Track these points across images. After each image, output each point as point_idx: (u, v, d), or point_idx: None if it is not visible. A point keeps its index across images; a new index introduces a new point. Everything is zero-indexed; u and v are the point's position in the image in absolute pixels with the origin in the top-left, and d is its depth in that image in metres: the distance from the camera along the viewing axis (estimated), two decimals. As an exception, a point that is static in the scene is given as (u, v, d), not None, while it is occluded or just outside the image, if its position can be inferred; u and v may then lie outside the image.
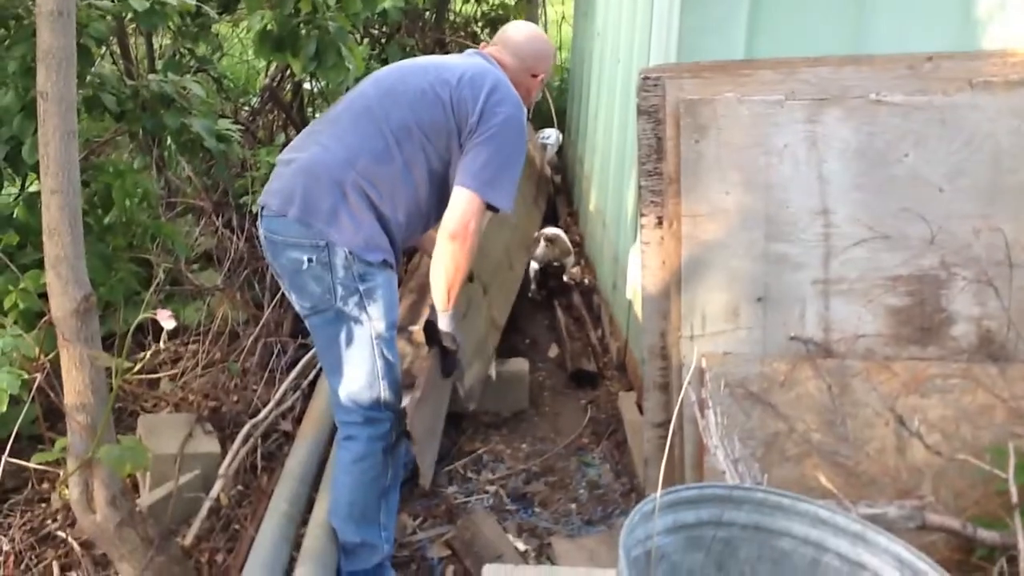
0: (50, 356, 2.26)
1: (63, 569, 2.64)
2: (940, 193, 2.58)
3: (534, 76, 2.73)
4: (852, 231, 2.58)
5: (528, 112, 2.74)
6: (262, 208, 2.49)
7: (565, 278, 4.90)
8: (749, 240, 2.58)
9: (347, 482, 2.55)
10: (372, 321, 2.43)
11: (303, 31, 3.51)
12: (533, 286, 4.84)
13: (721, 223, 2.59)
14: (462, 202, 2.43)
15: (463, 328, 2.96)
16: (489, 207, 2.47)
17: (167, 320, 1.94)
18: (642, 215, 2.70)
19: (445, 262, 2.48)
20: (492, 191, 2.45)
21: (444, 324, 2.61)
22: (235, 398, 3.39)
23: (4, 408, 2.14)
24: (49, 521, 2.82)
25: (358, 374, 2.45)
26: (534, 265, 4.78)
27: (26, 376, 2.19)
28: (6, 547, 2.68)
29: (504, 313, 3.99)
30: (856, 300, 2.58)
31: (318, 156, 2.45)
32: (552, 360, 4.34)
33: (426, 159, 2.47)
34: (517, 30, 2.81)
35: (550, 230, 4.80)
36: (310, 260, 2.38)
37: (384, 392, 2.48)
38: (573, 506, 3.22)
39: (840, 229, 2.58)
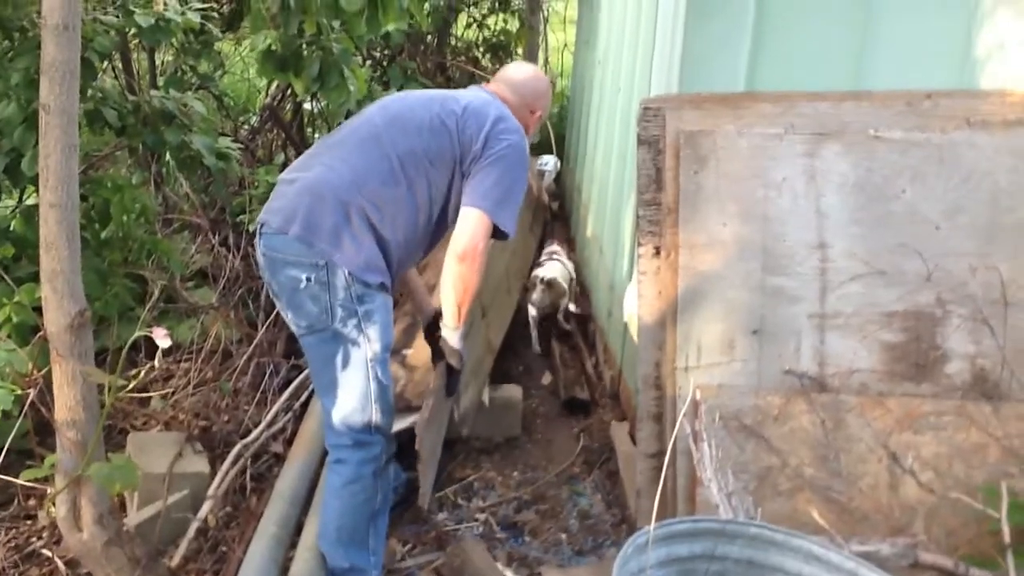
0: (43, 371, 2.24)
1: (47, 587, 2.61)
2: (937, 230, 2.59)
3: (532, 112, 2.80)
4: (849, 265, 2.59)
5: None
6: (261, 225, 2.49)
7: (560, 318, 4.71)
8: (746, 272, 2.59)
9: (336, 506, 2.53)
10: (368, 343, 2.43)
11: (306, 52, 3.52)
12: (534, 334, 4.59)
13: (718, 254, 2.60)
14: (472, 222, 2.46)
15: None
16: (495, 233, 2.49)
17: (163, 339, 1.93)
18: (640, 244, 2.70)
19: (454, 282, 2.49)
20: (500, 212, 2.48)
21: (454, 341, 2.63)
22: (226, 418, 3.37)
23: (-4, 425, 2.13)
24: (34, 539, 2.79)
25: (351, 396, 2.44)
26: (532, 312, 4.54)
27: (19, 392, 2.17)
28: (-12, 563, 2.66)
29: (499, 336, 3.99)
30: (851, 335, 2.58)
31: (323, 176, 2.46)
32: (545, 387, 4.33)
33: (428, 185, 2.49)
34: (518, 69, 2.90)
35: (548, 271, 4.54)
36: (308, 279, 2.38)
37: (376, 415, 2.47)
38: (563, 536, 3.19)
39: (837, 263, 2.59)
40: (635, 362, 2.87)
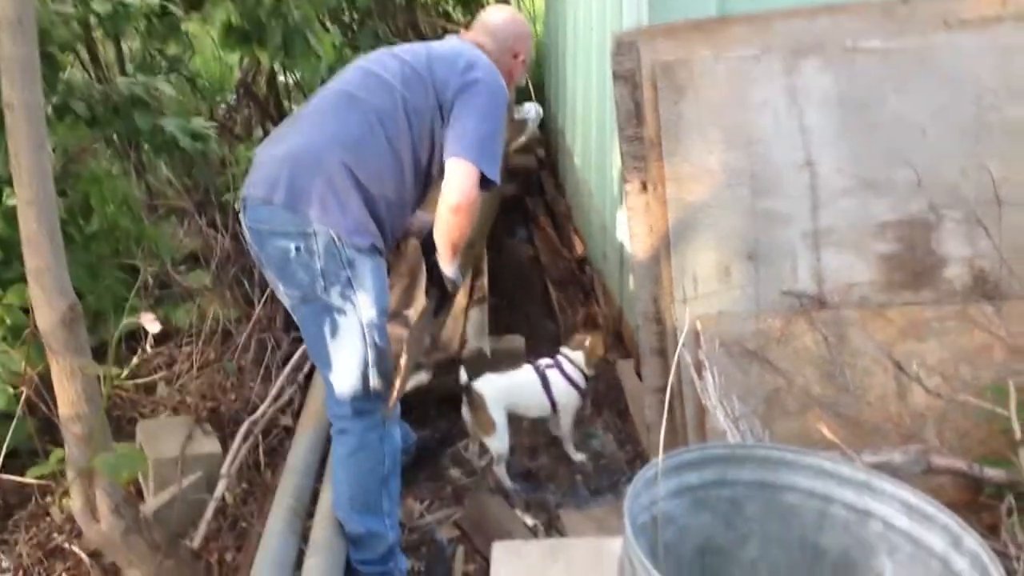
0: (38, 369, 2.23)
1: (73, 581, 2.63)
2: (924, 136, 2.56)
3: (515, 56, 2.73)
4: (838, 181, 2.56)
5: (511, 91, 2.75)
6: (245, 200, 2.45)
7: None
8: (735, 198, 2.56)
9: (344, 476, 2.53)
10: (362, 308, 2.39)
11: (268, 22, 3.46)
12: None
13: (706, 183, 2.57)
14: (461, 173, 2.41)
15: None
16: (482, 183, 2.45)
17: (151, 323, 1.92)
18: (626, 181, 2.68)
19: (450, 232, 2.48)
20: (485, 160, 2.42)
21: (450, 272, 2.65)
22: (233, 397, 3.37)
23: (-6, 425, 2.12)
24: (55, 534, 2.80)
25: (349, 363, 2.42)
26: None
27: (13, 391, 2.16)
28: (5, 563, 2.67)
29: (481, 235, 4.04)
30: (847, 250, 2.57)
31: (302, 143, 2.41)
32: (547, 335, 4.33)
33: (410, 139, 2.45)
34: (494, 13, 2.82)
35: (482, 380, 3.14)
36: (297, 248, 2.34)
37: (375, 381, 2.45)
38: (579, 478, 3.21)
39: (826, 180, 2.56)
40: (634, 299, 2.87)
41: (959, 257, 2.57)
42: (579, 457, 3.30)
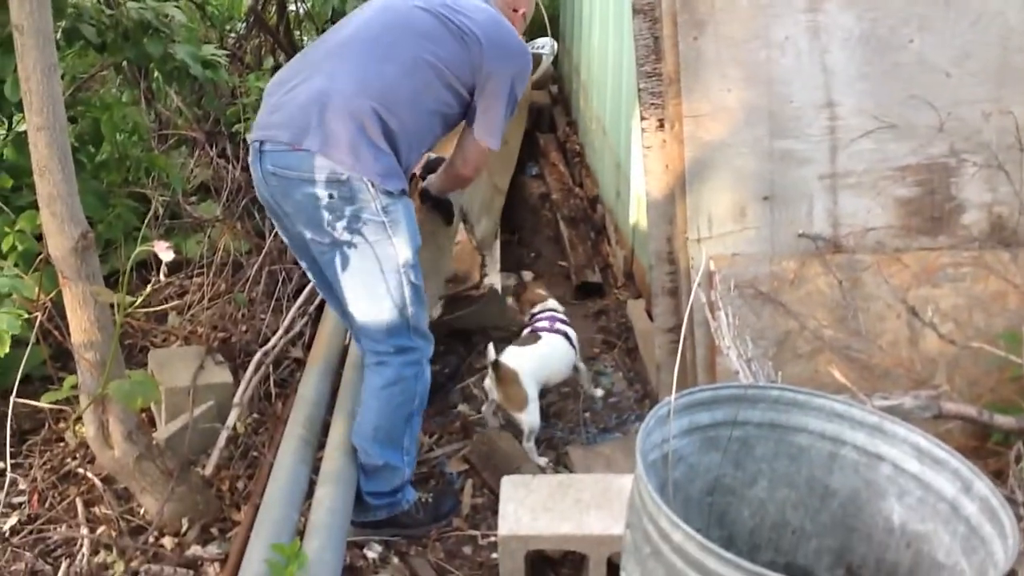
0: (51, 295, 2.23)
1: (87, 505, 2.67)
2: (947, 78, 2.51)
3: (515, 11, 2.69)
4: (858, 122, 2.52)
5: None
6: (262, 143, 2.39)
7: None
8: (753, 138, 2.53)
9: (374, 406, 2.54)
10: (398, 250, 2.38)
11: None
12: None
13: (724, 122, 2.53)
14: (480, 153, 2.60)
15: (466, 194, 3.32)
16: None
17: (165, 252, 1.91)
18: (643, 119, 2.64)
19: (455, 188, 2.89)
20: (499, 139, 2.59)
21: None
22: (244, 328, 3.38)
23: (6, 350, 2.12)
24: (69, 459, 2.84)
25: (387, 304, 2.41)
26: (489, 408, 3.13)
27: (26, 316, 2.16)
28: (22, 485, 2.71)
29: (505, 179, 4.26)
30: (864, 193, 2.54)
31: (330, 87, 2.34)
32: (558, 272, 4.32)
33: (437, 89, 2.41)
34: None
35: (508, 353, 3.02)
36: (331, 195, 2.30)
37: (414, 319, 2.46)
38: (588, 415, 3.23)
39: (846, 121, 2.52)
40: (647, 239, 2.85)
41: (978, 203, 2.54)
42: (600, 393, 3.37)
